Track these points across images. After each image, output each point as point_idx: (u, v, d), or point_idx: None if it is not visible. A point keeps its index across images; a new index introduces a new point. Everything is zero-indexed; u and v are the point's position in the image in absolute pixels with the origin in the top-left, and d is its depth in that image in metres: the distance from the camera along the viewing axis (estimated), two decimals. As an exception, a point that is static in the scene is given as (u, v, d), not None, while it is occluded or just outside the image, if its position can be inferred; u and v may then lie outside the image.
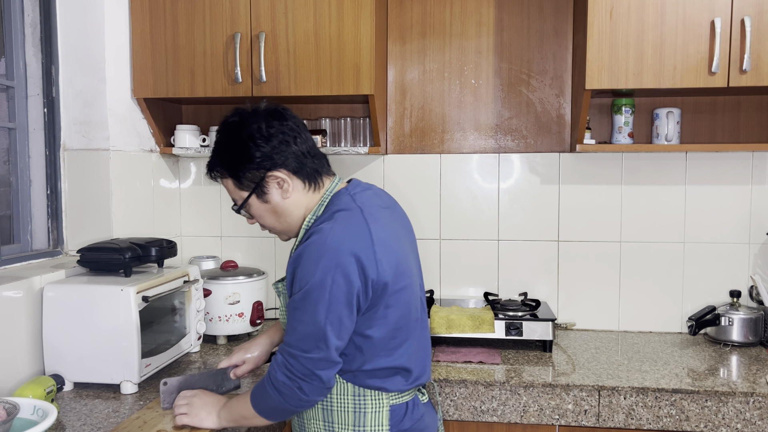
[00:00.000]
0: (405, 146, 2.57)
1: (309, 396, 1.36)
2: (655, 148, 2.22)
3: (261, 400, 1.41)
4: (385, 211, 1.48)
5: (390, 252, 1.38)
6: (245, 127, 1.43)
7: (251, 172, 1.42)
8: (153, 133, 2.44)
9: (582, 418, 1.86)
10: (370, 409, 1.43)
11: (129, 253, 1.91)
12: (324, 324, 1.31)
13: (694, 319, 2.25)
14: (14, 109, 2.09)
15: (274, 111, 1.46)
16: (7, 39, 2.07)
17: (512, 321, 2.17)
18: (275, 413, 1.41)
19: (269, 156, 1.41)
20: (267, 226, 1.52)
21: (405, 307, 1.42)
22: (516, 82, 2.50)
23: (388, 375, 1.43)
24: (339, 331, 1.33)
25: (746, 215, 2.39)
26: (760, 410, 1.79)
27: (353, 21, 2.15)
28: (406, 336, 1.44)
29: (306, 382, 1.34)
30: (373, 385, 1.42)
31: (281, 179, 1.43)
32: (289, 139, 1.43)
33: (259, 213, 1.48)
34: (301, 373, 1.34)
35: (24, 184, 2.12)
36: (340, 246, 1.31)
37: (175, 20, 2.25)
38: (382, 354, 1.41)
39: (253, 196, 1.46)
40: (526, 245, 2.51)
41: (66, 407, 1.65)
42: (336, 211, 1.39)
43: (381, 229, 1.39)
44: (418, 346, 1.49)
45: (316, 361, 1.33)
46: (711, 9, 2.04)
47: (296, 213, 1.47)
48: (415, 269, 1.54)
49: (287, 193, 1.44)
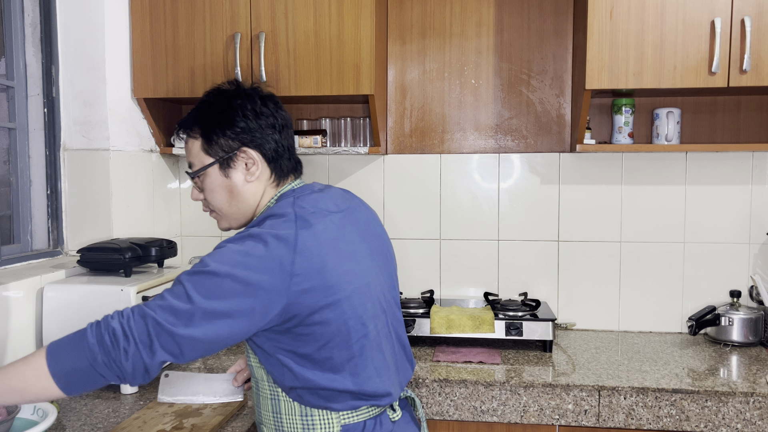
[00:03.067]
0: (405, 146, 2.57)
1: (127, 364, 1.15)
2: (655, 148, 2.22)
3: (68, 352, 1.17)
4: (334, 216, 1.34)
5: (318, 263, 1.23)
6: (239, 96, 1.38)
7: (226, 139, 1.35)
8: (153, 133, 2.44)
9: (582, 418, 1.86)
10: (319, 429, 1.32)
11: (129, 253, 1.92)
12: (196, 308, 1.17)
13: (694, 319, 2.25)
14: (14, 109, 2.09)
15: (272, 97, 1.43)
16: (7, 39, 2.07)
17: (512, 321, 2.17)
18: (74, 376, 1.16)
19: (251, 131, 1.35)
20: (214, 205, 1.41)
21: (341, 323, 1.27)
22: (516, 82, 2.50)
23: (333, 396, 1.31)
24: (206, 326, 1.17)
25: (746, 215, 2.39)
26: (760, 410, 1.79)
27: (353, 21, 2.15)
28: (350, 355, 1.29)
29: (137, 349, 1.15)
30: (318, 405, 1.31)
31: (252, 160, 1.36)
32: (277, 126, 1.39)
33: (212, 187, 1.38)
34: (140, 336, 1.15)
35: (24, 184, 2.12)
36: (253, 251, 1.20)
37: (175, 20, 2.25)
38: (319, 374, 1.28)
39: (216, 166, 1.37)
40: (526, 245, 2.51)
41: (66, 407, 1.66)
42: (268, 216, 1.29)
43: (312, 236, 1.25)
44: (378, 367, 1.34)
45: (165, 335, 1.16)
46: (711, 9, 2.04)
47: (250, 201, 1.38)
48: (375, 278, 1.37)
49: (252, 176, 1.36)
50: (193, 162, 1.40)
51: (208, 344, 1.20)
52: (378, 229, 1.48)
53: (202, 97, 1.43)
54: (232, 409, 1.60)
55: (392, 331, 1.43)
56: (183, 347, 1.18)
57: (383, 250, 1.46)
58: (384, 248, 1.47)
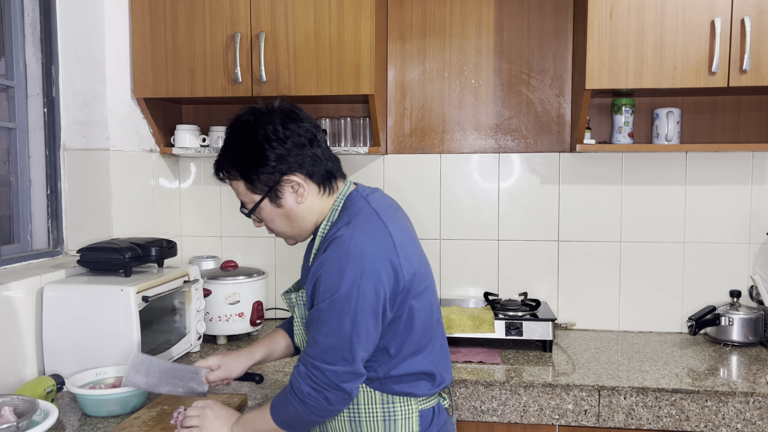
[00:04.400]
0: (405, 146, 2.57)
1: (335, 406, 1.32)
2: (655, 148, 2.22)
3: (283, 411, 1.36)
4: (397, 212, 1.46)
5: (410, 255, 1.36)
6: (260, 127, 1.37)
7: (265, 175, 1.37)
8: (153, 133, 2.44)
9: (582, 418, 1.86)
10: (400, 416, 1.40)
11: (129, 253, 1.91)
12: (350, 336, 1.28)
13: (694, 319, 2.25)
14: (14, 109, 2.09)
15: (290, 112, 1.41)
16: (7, 39, 2.07)
17: (512, 321, 2.17)
18: (298, 425, 1.37)
19: (284, 159, 1.36)
20: (276, 231, 1.47)
21: (428, 309, 1.40)
22: (516, 82, 2.50)
23: (414, 380, 1.40)
24: (365, 343, 1.30)
25: (746, 215, 2.39)
26: (760, 410, 1.79)
27: (353, 21, 2.15)
28: (429, 338, 1.42)
29: (332, 393, 1.31)
30: (400, 391, 1.39)
31: (296, 183, 1.38)
32: (305, 141, 1.38)
33: (270, 217, 1.43)
34: (326, 384, 1.30)
35: (24, 184, 2.12)
36: (364, 254, 1.28)
37: (175, 20, 2.25)
38: (409, 358, 1.38)
39: (266, 200, 1.40)
40: (526, 245, 2.51)
41: (66, 407, 1.66)
42: (353, 215, 1.36)
43: (398, 231, 1.37)
44: (440, 349, 1.47)
45: (341, 374, 1.30)
46: (711, 9, 2.04)
47: (309, 218, 1.42)
48: (432, 273, 1.52)
49: (302, 198, 1.40)
50: (244, 201, 1.45)
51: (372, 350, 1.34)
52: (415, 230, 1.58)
53: (227, 134, 1.43)
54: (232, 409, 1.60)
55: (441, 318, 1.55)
56: (358, 369, 1.31)
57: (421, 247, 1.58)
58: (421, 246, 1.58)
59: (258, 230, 2.65)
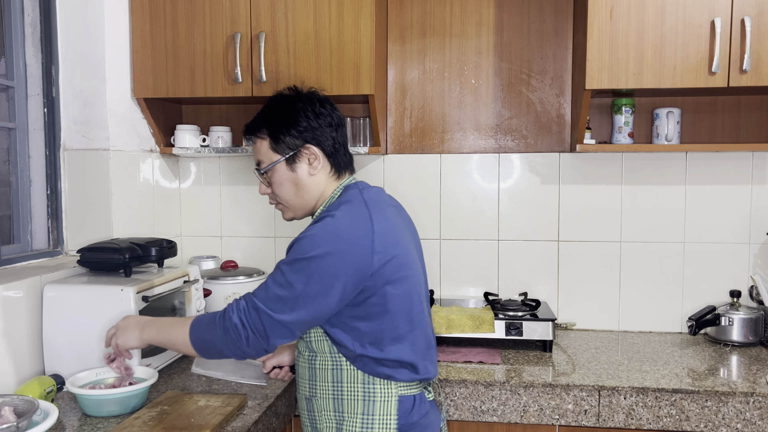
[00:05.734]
0: (405, 146, 2.57)
1: (250, 349, 1.40)
2: (655, 148, 2.22)
3: (202, 330, 1.44)
4: (391, 209, 1.54)
5: (389, 243, 1.42)
6: (300, 99, 1.53)
7: (291, 138, 1.50)
8: (153, 133, 2.44)
9: (582, 418, 1.86)
10: (379, 398, 1.44)
11: (129, 253, 1.91)
12: (299, 295, 1.35)
13: (694, 319, 2.25)
14: (14, 109, 2.09)
15: (327, 99, 1.57)
16: (7, 39, 2.07)
17: (512, 321, 2.17)
18: (207, 348, 1.44)
19: (313, 130, 1.50)
20: (281, 198, 1.55)
21: (406, 297, 1.45)
22: (516, 82, 2.50)
23: (395, 366, 1.44)
24: (311, 308, 1.36)
25: (746, 215, 2.39)
26: (760, 410, 1.79)
27: (353, 21, 2.15)
28: (411, 328, 1.46)
29: (254, 337, 1.38)
30: (381, 373, 1.44)
31: (314, 155, 1.50)
32: (334, 125, 1.53)
33: (280, 180, 1.53)
34: (255, 327, 1.38)
35: (24, 184, 2.12)
36: (340, 232, 1.37)
37: (175, 20, 2.25)
38: (389, 345, 1.43)
39: (283, 162, 1.51)
40: (526, 245, 2.51)
41: (66, 407, 1.65)
42: (344, 202, 1.46)
43: (383, 221, 1.44)
44: (426, 343, 1.51)
45: (276, 324, 1.37)
46: (711, 9, 2.04)
47: (314, 192, 1.53)
48: (419, 267, 1.56)
49: (315, 170, 1.51)
50: (261, 160, 1.55)
51: (314, 321, 1.40)
52: (414, 230, 1.67)
53: (267, 102, 1.58)
54: (233, 409, 1.60)
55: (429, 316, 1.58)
56: (293, 329, 1.38)
57: (419, 248, 1.65)
58: (420, 247, 1.66)
59: (258, 231, 2.65)
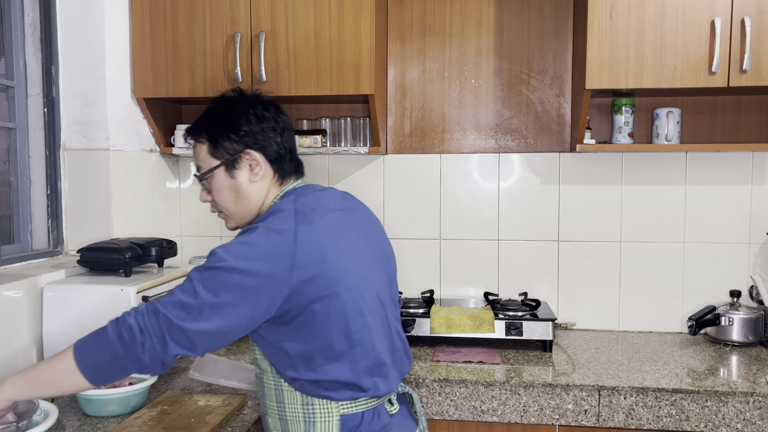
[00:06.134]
0: (405, 146, 2.57)
1: (145, 356, 1.24)
2: (655, 148, 2.22)
3: (92, 347, 1.27)
4: (335, 213, 1.41)
5: (315, 257, 1.29)
6: (241, 102, 1.45)
7: (231, 142, 1.42)
8: (153, 133, 2.44)
9: (582, 418, 1.86)
10: (319, 419, 1.36)
11: (129, 253, 1.92)
12: (204, 303, 1.24)
13: (694, 319, 2.25)
14: (14, 109, 2.09)
15: (273, 102, 1.49)
16: (7, 39, 2.07)
17: (512, 321, 2.17)
18: (101, 372, 1.27)
19: (254, 134, 1.42)
20: (222, 206, 1.47)
21: (339, 314, 1.32)
22: (516, 82, 2.50)
23: (334, 387, 1.35)
24: (215, 320, 1.24)
25: (746, 215, 2.39)
26: (760, 410, 1.79)
27: (353, 21, 2.15)
28: (350, 346, 1.35)
29: (151, 342, 1.24)
30: (319, 395, 1.35)
31: (256, 161, 1.42)
32: (278, 129, 1.45)
33: (219, 187, 1.45)
34: (154, 331, 1.24)
35: (24, 184, 2.12)
36: (256, 247, 1.27)
37: (175, 20, 2.25)
38: (324, 365, 1.34)
39: (222, 168, 1.43)
40: (526, 245, 2.51)
41: (66, 407, 1.65)
42: (273, 212, 1.36)
43: (311, 232, 1.32)
44: (372, 359, 1.38)
45: (175, 330, 1.23)
46: (711, 9, 2.04)
47: (255, 200, 1.45)
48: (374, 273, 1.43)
49: (256, 177, 1.43)
50: (201, 165, 1.47)
51: (218, 336, 1.27)
52: (377, 230, 1.54)
53: (209, 105, 1.50)
54: (233, 409, 1.60)
55: (391, 325, 1.47)
56: (194, 341, 1.25)
57: (383, 249, 1.52)
58: (383, 248, 1.53)
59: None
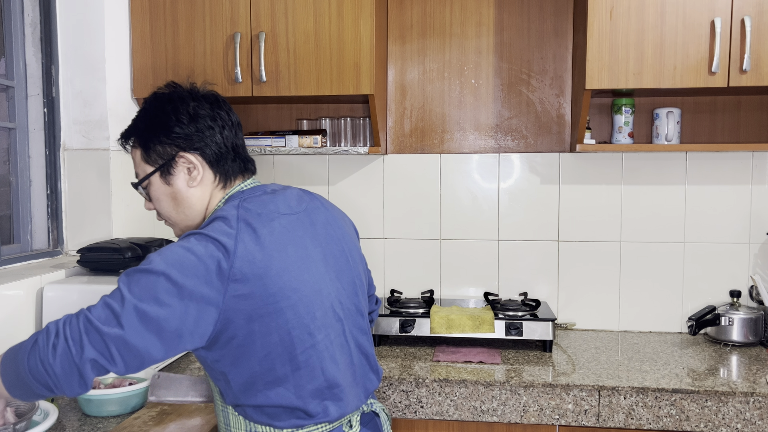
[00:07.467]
0: (405, 146, 2.57)
1: (55, 361, 1.10)
2: (655, 148, 2.22)
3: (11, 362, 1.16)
4: (284, 219, 1.29)
5: (259, 269, 1.19)
6: (173, 100, 1.33)
7: (163, 146, 1.31)
8: (153, 133, 2.44)
9: (582, 418, 1.86)
10: None
11: (129, 253, 1.92)
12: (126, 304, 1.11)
13: (694, 319, 2.25)
14: (14, 109, 2.09)
15: (211, 95, 1.37)
16: (7, 39, 2.07)
17: (512, 321, 2.17)
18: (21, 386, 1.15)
19: (188, 136, 1.30)
20: (162, 213, 1.37)
21: (282, 333, 1.21)
22: (516, 82, 2.50)
23: (277, 414, 1.25)
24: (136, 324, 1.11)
25: (746, 215, 2.39)
26: (760, 410, 1.79)
27: (353, 21, 2.15)
28: (294, 368, 1.24)
29: (65, 345, 1.10)
30: (261, 421, 1.26)
31: (192, 165, 1.31)
32: (216, 126, 1.33)
33: (157, 195, 1.35)
34: (70, 333, 1.11)
35: (24, 184, 2.12)
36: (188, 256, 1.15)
37: (175, 20, 2.25)
38: (264, 390, 1.23)
39: (157, 175, 1.32)
40: (526, 245, 2.51)
41: (66, 407, 1.65)
42: (215, 218, 1.23)
43: (253, 241, 1.20)
44: (321, 381, 1.27)
45: (94, 332, 1.10)
46: (711, 9, 2.04)
47: (197, 206, 1.34)
48: (329, 284, 1.32)
49: (194, 182, 1.32)
50: (138, 172, 1.37)
51: (139, 350, 1.12)
52: (338, 232, 1.40)
53: (141, 105, 1.39)
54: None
55: (350, 340, 1.35)
56: (111, 347, 1.10)
57: (342, 254, 1.39)
58: (344, 252, 1.39)
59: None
